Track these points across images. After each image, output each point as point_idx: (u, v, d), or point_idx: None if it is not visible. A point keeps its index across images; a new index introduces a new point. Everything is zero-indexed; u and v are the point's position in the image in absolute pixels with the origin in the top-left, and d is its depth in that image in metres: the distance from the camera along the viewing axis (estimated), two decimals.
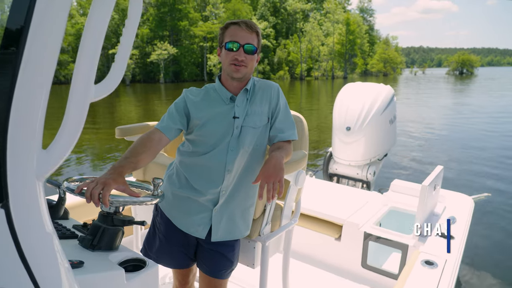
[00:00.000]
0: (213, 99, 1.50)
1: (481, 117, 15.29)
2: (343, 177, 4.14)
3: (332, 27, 75.64)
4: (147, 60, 60.29)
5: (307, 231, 2.79)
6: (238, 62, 1.41)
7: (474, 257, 3.91)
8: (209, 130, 1.45)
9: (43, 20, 0.68)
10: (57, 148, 0.79)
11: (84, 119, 0.82)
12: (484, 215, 5.00)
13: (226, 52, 1.42)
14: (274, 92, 1.54)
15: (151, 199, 1.22)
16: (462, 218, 2.56)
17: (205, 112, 1.46)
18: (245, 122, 1.47)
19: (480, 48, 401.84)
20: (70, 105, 0.80)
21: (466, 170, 7.52)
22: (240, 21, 1.42)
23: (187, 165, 1.52)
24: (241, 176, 1.51)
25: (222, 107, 1.48)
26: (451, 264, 1.93)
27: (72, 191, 1.15)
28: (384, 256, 2.73)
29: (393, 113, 4.04)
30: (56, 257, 0.80)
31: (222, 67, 1.50)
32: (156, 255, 1.60)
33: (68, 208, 1.51)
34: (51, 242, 0.80)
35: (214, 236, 1.53)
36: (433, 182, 2.38)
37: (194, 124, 1.48)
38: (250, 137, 1.48)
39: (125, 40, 0.91)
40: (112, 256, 1.16)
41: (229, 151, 1.46)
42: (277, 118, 1.54)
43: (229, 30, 1.43)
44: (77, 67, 0.80)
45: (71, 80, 0.81)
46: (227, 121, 1.46)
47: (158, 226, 1.61)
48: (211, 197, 1.50)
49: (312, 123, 14.31)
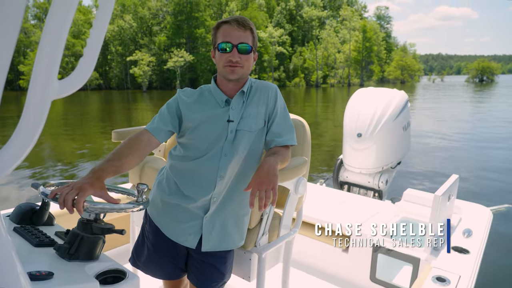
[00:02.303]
0: (207, 101, 1.43)
1: (500, 125, 14.82)
2: (354, 186, 4.00)
3: (349, 34, 75.30)
4: (163, 67, 61.24)
5: (313, 241, 2.67)
6: (232, 63, 1.34)
7: (491, 274, 3.68)
8: (201, 134, 1.38)
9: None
10: (12, 149, 0.72)
11: (44, 118, 0.75)
12: (504, 228, 4.75)
13: (219, 54, 1.36)
14: (271, 93, 1.46)
15: (133, 206, 1.14)
16: (479, 231, 2.40)
17: (198, 115, 1.39)
18: (240, 125, 1.39)
19: (501, 55, 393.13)
20: (29, 102, 0.73)
21: (485, 180, 7.23)
22: (231, 19, 1.35)
23: (177, 170, 1.44)
24: (235, 183, 1.42)
25: (216, 110, 1.41)
26: (465, 281, 1.79)
27: (45, 195, 1.08)
28: (395, 269, 2.58)
29: (407, 120, 3.89)
30: (7, 269, 0.72)
31: (217, 69, 1.43)
32: (145, 265, 1.52)
33: (55, 214, 1.45)
34: (4, 252, 0.73)
35: (204, 245, 1.43)
36: (447, 192, 2.24)
37: (186, 126, 1.41)
38: (245, 141, 1.40)
39: (95, 32, 0.83)
40: (89, 267, 1.08)
41: (222, 156, 1.37)
42: (274, 121, 1.44)
43: (221, 30, 1.36)
44: (37, 61, 0.73)
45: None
46: (221, 125, 1.38)
47: (147, 234, 1.52)
48: (201, 204, 1.41)
49: (327, 130, 14.15)
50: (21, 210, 1.32)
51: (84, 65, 0.82)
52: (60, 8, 0.72)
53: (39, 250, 1.12)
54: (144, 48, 66.91)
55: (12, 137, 0.72)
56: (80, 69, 0.81)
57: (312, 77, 75.27)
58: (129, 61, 64.57)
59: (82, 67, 0.82)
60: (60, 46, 0.74)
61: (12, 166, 0.71)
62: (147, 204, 1.19)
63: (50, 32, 0.72)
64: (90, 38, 0.83)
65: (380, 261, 2.42)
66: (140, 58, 63.78)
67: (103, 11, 0.84)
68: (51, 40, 0.72)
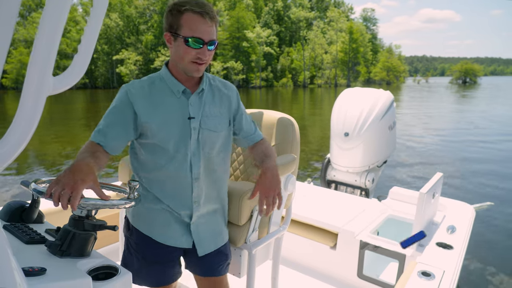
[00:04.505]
0: (161, 91, 1.30)
1: (484, 125, 15.17)
2: (341, 184, 4.05)
3: (336, 36, 75.98)
4: (150, 66, 60.69)
5: (301, 239, 2.70)
6: (201, 61, 1.24)
7: (474, 269, 3.79)
8: (164, 134, 1.29)
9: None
10: (8, 143, 0.72)
11: (39, 114, 0.75)
12: (486, 225, 4.87)
13: (186, 48, 1.21)
14: (233, 95, 1.45)
15: (124, 202, 1.14)
16: (462, 227, 2.47)
17: (157, 111, 1.28)
18: (203, 124, 1.32)
19: (484, 57, 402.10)
20: (24, 98, 0.74)
21: (468, 179, 7.39)
22: (202, 10, 1.19)
23: (150, 181, 1.36)
24: (210, 181, 1.40)
25: (172, 99, 1.30)
26: (449, 275, 1.84)
27: (41, 194, 1.08)
28: (381, 266, 2.63)
29: (393, 119, 3.95)
30: (2, 264, 0.73)
31: (174, 59, 1.28)
32: (137, 276, 1.41)
33: (44, 212, 1.44)
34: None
35: (199, 250, 1.41)
36: (431, 190, 2.30)
37: (145, 128, 1.28)
38: (211, 140, 1.35)
39: (90, 30, 0.84)
40: (81, 263, 1.08)
41: (191, 156, 1.32)
42: (242, 120, 1.47)
43: (187, 19, 1.20)
44: (33, 57, 0.73)
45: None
46: (182, 122, 1.30)
47: (134, 247, 1.43)
48: (185, 211, 1.38)
49: (314, 130, 14.25)
50: (10, 208, 1.31)
51: (79, 62, 0.83)
52: (54, 5, 0.73)
53: (30, 247, 1.12)
54: (130, 47, 66.23)
55: (7, 132, 0.72)
56: (75, 66, 0.82)
57: (299, 78, 75.67)
58: (115, 60, 63.83)
59: (76, 64, 0.83)
60: (55, 43, 0.74)
61: (7, 162, 0.72)
62: (139, 200, 1.19)
63: (45, 29, 0.73)
64: (84, 35, 0.84)
65: (367, 258, 2.46)
66: (127, 57, 63.13)
67: (98, 9, 0.85)
68: (46, 36, 0.73)
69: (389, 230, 2.69)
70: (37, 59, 0.73)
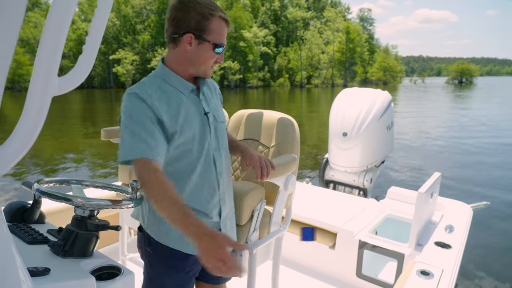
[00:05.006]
0: (172, 91, 1.25)
1: (481, 124, 15.25)
2: (339, 184, 4.07)
3: (332, 36, 76.15)
4: (147, 66, 60.56)
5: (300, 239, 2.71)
6: (217, 64, 1.31)
7: (472, 268, 3.81)
8: (190, 136, 1.25)
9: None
10: (14, 143, 0.73)
11: (45, 114, 0.76)
12: (483, 224, 4.91)
13: (212, 54, 1.24)
14: (217, 88, 1.49)
15: (127, 202, 1.15)
16: (460, 227, 2.48)
17: (179, 114, 1.23)
18: (216, 117, 1.35)
19: (480, 57, 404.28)
20: (30, 98, 0.74)
21: (465, 178, 7.44)
22: (227, 18, 1.28)
23: (179, 192, 1.23)
24: (227, 173, 1.42)
25: (186, 98, 1.27)
26: (448, 274, 1.85)
27: (44, 194, 1.07)
28: (380, 265, 2.65)
29: (391, 119, 3.97)
30: (8, 263, 0.73)
31: (188, 59, 1.25)
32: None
33: (45, 212, 1.44)
34: (5, 247, 0.73)
35: None
36: (430, 189, 2.31)
37: (171, 132, 1.21)
38: (223, 132, 1.39)
39: (94, 30, 0.85)
40: (85, 263, 1.09)
41: (212, 151, 1.32)
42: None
43: (218, 25, 1.24)
44: (38, 58, 0.74)
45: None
46: (200, 119, 1.29)
47: (162, 262, 1.33)
48: (215, 210, 1.35)
49: (312, 130, 14.27)
50: (12, 208, 1.31)
51: (84, 62, 0.83)
52: (60, 6, 0.73)
53: (33, 247, 1.12)
54: (127, 46, 66.04)
55: (14, 132, 0.73)
56: (80, 66, 0.83)
57: (296, 78, 75.75)
58: (112, 60, 63.63)
59: (81, 64, 0.83)
60: (61, 44, 0.75)
61: (14, 161, 0.72)
62: (141, 201, 1.20)
63: (51, 29, 0.73)
64: (89, 35, 0.85)
65: (365, 257, 2.47)
66: (124, 56, 62.94)
67: (102, 9, 0.86)
68: (52, 37, 0.73)
69: (387, 229, 2.70)
70: (42, 60, 0.73)
